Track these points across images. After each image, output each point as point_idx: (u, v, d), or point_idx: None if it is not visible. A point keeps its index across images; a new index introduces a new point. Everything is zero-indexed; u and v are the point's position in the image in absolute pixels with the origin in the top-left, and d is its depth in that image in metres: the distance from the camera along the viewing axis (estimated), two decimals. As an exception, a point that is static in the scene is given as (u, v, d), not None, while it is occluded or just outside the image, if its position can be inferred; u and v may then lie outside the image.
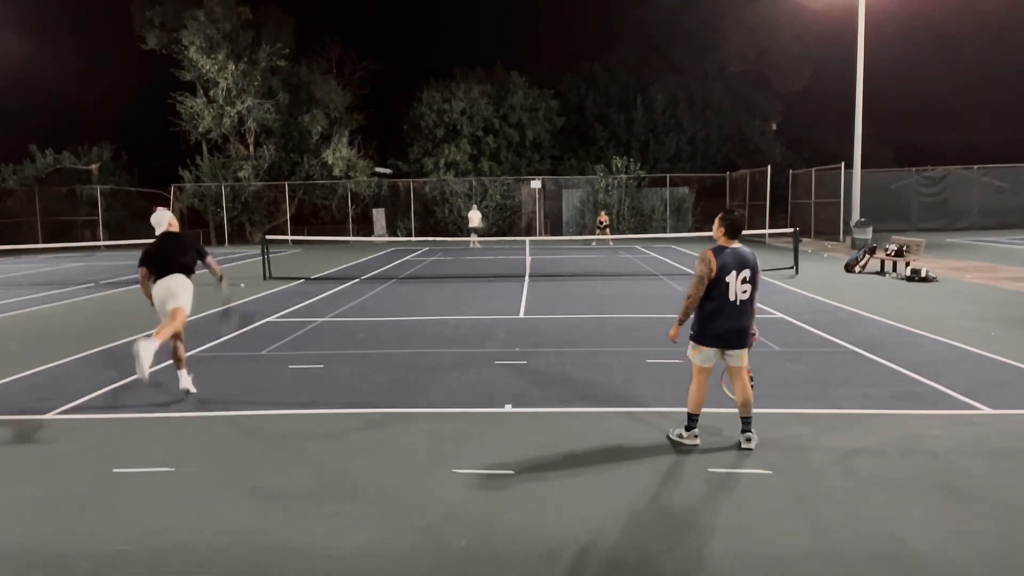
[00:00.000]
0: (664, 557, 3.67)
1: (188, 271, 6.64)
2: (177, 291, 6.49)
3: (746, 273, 4.99)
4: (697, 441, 5.23)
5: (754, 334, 5.21)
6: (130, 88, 42.92)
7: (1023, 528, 3.94)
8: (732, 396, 5.29)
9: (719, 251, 5.04)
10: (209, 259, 6.74)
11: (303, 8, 50.06)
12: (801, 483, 4.55)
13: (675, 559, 3.65)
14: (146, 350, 5.80)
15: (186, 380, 6.82)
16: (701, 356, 5.14)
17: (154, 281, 6.56)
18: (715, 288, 4.98)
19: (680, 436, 5.27)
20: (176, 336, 6.64)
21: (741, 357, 5.13)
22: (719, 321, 5.01)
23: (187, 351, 7.19)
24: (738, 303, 4.99)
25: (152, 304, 6.59)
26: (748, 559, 3.64)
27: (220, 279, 6.92)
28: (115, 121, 40.98)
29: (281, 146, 35.69)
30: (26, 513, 4.35)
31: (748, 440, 5.17)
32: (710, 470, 4.78)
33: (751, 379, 5.23)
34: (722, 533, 3.91)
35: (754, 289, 5.05)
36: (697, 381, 5.20)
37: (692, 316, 5.18)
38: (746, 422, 5.20)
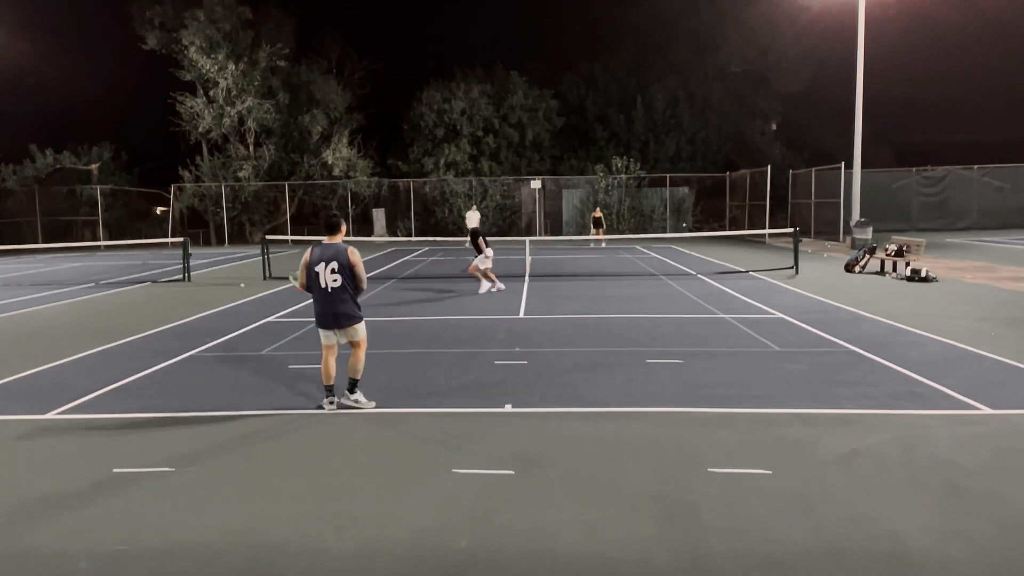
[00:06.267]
0: (664, 557, 3.67)
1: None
2: None
3: (334, 264, 5.95)
4: (335, 408, 6.16)
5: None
6: (130, 88, 42.96)
7: (1023, 528, 3.94)
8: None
9: (315, 247, 6.07)
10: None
11: (303, 8, 50.11)
12: (801, 483, 4.55)
13: (675, 559, 3.65)
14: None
15: None
16: (321, 335, 6.18)
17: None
18: (311, 277, 6.04)
19: (321, 407, 6.17)
20: None
21: (351, 335, 6.14)
22: (318, 305, 6.09)
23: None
24: (329, 290, 5.99)
25: None
26: (748, 559, 3.64)
27: None
28: (115, 121, 40.98)
29: (281, 146, 35.67)
30: (26, 513, 4.35)
31: (335, 402, 6.22)
32: (710, 470, 4.78)
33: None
34: (722, 533, 3.91)
35: (346, 279, 5.98)
36: (323, 356, 6.19)
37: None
38: (353, 384, 6.24)
